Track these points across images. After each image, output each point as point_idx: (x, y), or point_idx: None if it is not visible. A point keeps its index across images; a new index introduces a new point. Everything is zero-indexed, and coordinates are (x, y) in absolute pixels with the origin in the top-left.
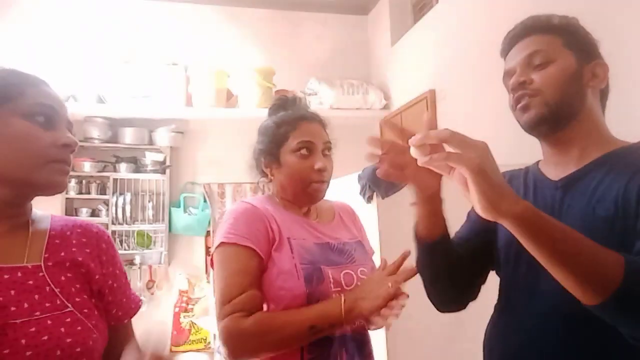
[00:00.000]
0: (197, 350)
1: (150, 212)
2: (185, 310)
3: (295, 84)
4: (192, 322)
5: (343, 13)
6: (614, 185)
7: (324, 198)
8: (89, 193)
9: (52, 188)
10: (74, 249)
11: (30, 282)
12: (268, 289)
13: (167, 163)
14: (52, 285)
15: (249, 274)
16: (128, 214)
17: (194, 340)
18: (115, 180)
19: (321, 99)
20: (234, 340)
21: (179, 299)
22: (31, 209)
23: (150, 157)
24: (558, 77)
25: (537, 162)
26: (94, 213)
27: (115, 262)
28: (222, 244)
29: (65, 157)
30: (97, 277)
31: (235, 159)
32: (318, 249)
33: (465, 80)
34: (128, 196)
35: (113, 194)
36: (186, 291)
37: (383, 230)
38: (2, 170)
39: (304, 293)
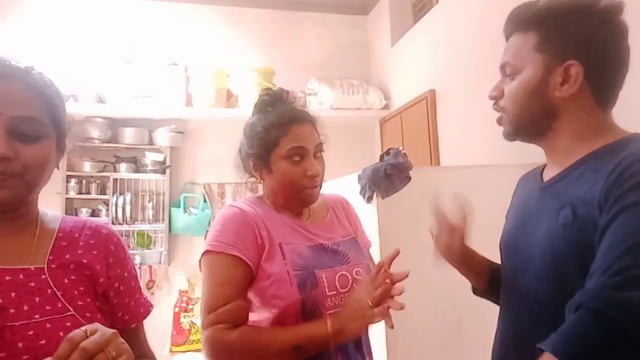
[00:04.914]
0: (197, 350)
1: (150, 212)
2: (186, 310)
3: (295, 84)
4: (192, 322)
5: (343, 13)
6: (577, 193)
7: None
8: (89, 193)
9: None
10: (80, 251)
11: (32, 284)
12: (261, 297)
13: (167, 163)
14: (54, 288)
15: (235, 285)
16: (128, 214)
17: (194, 340)
18: (115, 180)
19: (321, 99)
20: (218, 353)
21: (179, 299)
22: (37, 209)
23: (150, 157)
24: (518, 93)
25: None
26: (93, 213)
27: (124, 264)
28: (208, 252)
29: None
30: (101, 280)
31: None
32: (311, 252)
33: (465, 80)
34: (128, 196)
35: (113, 194)
36: (186, 291)
37: (383, 230)
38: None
39: (297, 300)
